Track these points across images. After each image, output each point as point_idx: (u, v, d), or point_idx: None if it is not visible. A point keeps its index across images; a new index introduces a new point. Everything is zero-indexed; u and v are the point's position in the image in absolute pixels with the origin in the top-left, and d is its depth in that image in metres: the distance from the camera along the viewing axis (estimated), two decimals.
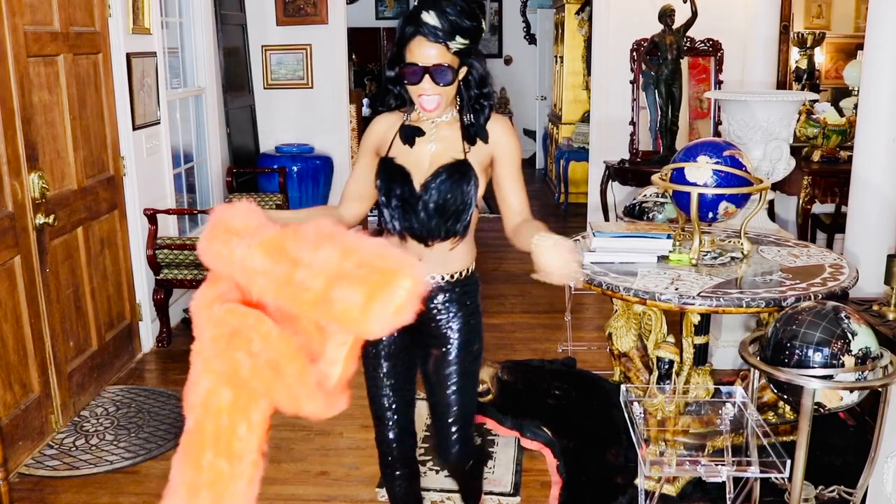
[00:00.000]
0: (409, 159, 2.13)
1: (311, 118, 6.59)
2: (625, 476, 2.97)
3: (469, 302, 2.23)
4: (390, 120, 2.19)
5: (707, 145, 3.02)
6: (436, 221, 2.10)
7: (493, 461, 3.37)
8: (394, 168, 2.12)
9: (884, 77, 3.54)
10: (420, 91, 2.04)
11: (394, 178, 2.12)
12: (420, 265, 1.63)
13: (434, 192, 2.08)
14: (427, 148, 2.12)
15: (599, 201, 6.31)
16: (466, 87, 2.12)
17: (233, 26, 6.17)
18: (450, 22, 1.98)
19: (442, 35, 1.98)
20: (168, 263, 4.52)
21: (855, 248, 3.68)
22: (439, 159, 2.11)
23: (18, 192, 3.34)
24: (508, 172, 2.15)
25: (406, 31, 2.02)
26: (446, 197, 2.08)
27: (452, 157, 2.10)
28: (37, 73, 3.51)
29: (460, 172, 2.09)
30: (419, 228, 2.12)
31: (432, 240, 2.13)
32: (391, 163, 2.13)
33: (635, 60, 6.15)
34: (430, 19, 1.97)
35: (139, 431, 3.63)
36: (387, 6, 12.01)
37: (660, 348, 2.94)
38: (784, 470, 2.16)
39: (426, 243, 2.13)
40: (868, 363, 2.21)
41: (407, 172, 2.12)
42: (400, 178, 2.11)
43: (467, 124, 2.12)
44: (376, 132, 2.20)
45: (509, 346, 4.57)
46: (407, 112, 2.17)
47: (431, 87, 2.02)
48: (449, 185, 2.08)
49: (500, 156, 2.14)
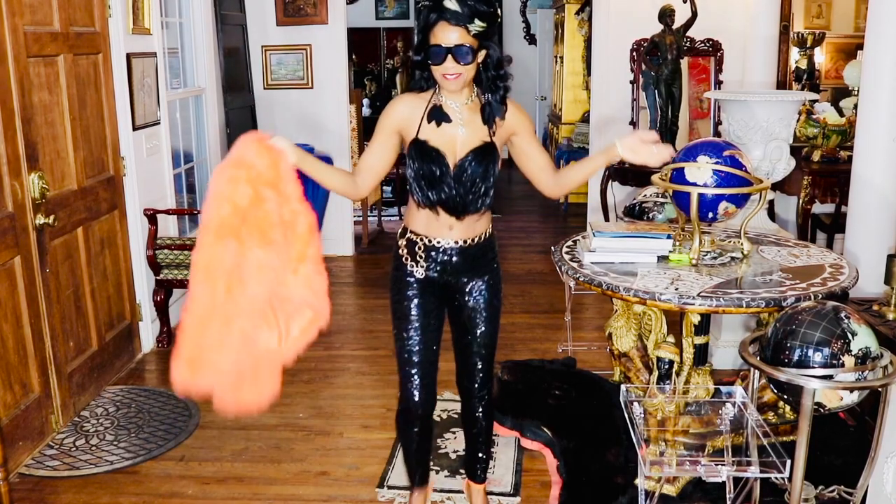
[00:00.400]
0: (440, 141, 2.38)
1: (311, 118, 6.59)
2: (625, 476, 2.97)
3: (491, 255, 2.58)
4: (413, 103, 2.41)
5: (707, 145, 3.02)
6: (469, 197, 2.40)
7: (493, 461, 3.37)
8: (428, 149, 2.37)
9: (884, 77, 3.54)
10: (443, 70, 2.28)
11: (429, 159, 2.36)
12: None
13: (467, 171, 2.37)
14: (457, 131, 2.38)
15: (599, 201, 6.31)
16: (485, 69, 2.37)
17: (233, 26, 6.17)
18: (469, 7, 2.23)
19: (462, 18, 2.23)
20: (168, 264, 4.52)
21: (855, 248, 3.68)
22: (470, 142, 2.38)
23: (18, 193, 3.34)
24: (530, 142, 2.49)
25: (430, 17, 2.27)
26: (476, 176, 2.37)
27: (481, 140, 2.39)
28: (37, 74, 3.51)
29: (488, 154, 2.38)
30: (452, 204, 2.40)
31: (465, 213, 2.43)
32: (425, 145, 2.37)
33: (635, 60, 6.15)
34: (452, 5, 2.23)
35: (139, 431, 3.63)
36: (387, 6, 12.00)
37: (660, 348, 2.94)
38: (784, 470, 2.16)
39: (458, 217, 2.43)
40: (868, 363, 2.21)
41: (442, 154, 2.37)
42: (435, 159, 2.36)
43: (485, 103, 2.38)
44: (400, 113, 2.42)
45: (509, 346, 4.57)
46: (434, 93, 2.40)
47: (454, 67, 2.27)
48: (479, 166, 2.37)
49: (520, 131, 2.46)
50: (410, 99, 2.43)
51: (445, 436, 3.59)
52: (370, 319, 5.03)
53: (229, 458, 3.42)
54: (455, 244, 2.48)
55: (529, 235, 7.47)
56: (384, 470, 3.30)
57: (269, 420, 3.72)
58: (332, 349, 4.52)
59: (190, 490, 3.19)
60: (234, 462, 3.39)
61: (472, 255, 2.51)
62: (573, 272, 2.93)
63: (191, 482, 3.24)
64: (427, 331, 2.55)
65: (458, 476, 3.25)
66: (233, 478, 3.27)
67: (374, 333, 3.69)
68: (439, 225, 2.46)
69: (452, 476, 3.25)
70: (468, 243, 2.49)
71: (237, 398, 2.19)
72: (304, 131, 6.46)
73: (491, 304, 2.58)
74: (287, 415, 3.80)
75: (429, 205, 2.41)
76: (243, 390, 2.19)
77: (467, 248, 2.49)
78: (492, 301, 2.58)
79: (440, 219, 2.44)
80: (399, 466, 3.33)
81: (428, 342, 2.55)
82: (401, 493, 3.14)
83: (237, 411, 2.20)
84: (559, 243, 3.27)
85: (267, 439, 3.57)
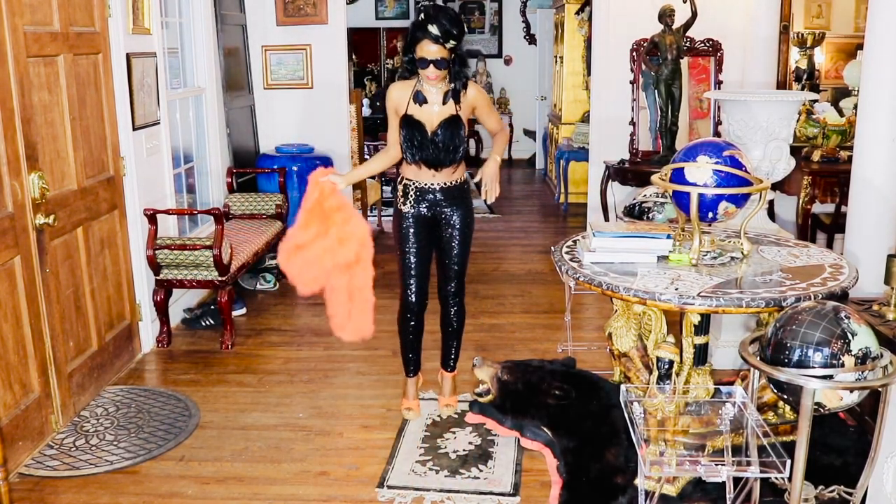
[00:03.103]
0: (422, 115, 3.39)
1: (311, 118, 6.59)
2: (625, 476, 2.96)
3: (466, 193, 3.58)
4: (402, 88, 3.42)
5: (707, 145, 3.01)
6: (443, 154, 3.39)
7: (492, 461, 3.38)
8: (413, 122, 3.38)
9: (884, 77, 3.54)
10: (427, 74, 3.32)
11: (414, 128, 3.37)
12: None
13: (441, 135, 3.37)
14: (433, 108, 3.39)
15: (599, 201, 6.31)
16: (453, 65, 3.34)
17: (233, 26, 6.17)
18: (445, 31, 3.21)
19: (441, 39, 3.22)
20: (168, 264, 4.52)
21: (855, 248, 3.68)
22: (442, 115, 3.39)
23: (18, 193, 3.34)
24: (486, 112, 3.55)
25: (417, 35, 3.26)
26: (447, 139, 3.37)
27: (451, 113, 3.39)
28: (37, 74, 3.51)
29: (455, 123, 3.39)
30: (432, 160, 3.41)
31: (441, 166, 3.43)
32: (411, 118, 3.39)
33: (635, 60, 6.15)
34: (434, 30, 3.20)
35: (139, 431, 3.63)
36: (387, 6, 12.01)
37: (660, 348, 2.93)
38: (784, 470, 2.15)
39: (436, 169, 3.44)
40: (868, 363, 2.21)
41: (422, 124, 3.38)
42: (417, 128, 3.37)
43: (452, 89, 3.37)
44: (394, 97, 3.44)
45: (509, 346, 4.57)
46: (417, 81, 3.39)
47: (434, 72, 3.30)
48: (449, 131, 3.37)
49: (478, 105, 3.49)
50: (400, 85, 3.44)
51: (445, 436, 3.59)
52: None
53: (229, 458, 3.42)
54: (437, 186, 3.47)
55: (529, 235, 7.47)
56: (384, 470, 3.30)
57: (269, 420, 3.72)
58: (332, 349, 4.52)
59: (190, 490, 3.19)
60: (234, 462, 3.39)
61: (451, 193, 3.50)
62: (573, 272, 2.93)
63: (191, 482, 3.24)
64: (421, 250, 3.56)
65: (458, 475, 3.26)
66: (233, 478, 3.27)
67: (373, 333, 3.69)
68: (425, 174, 3.45)
69: (453, 476, 3.26)
70: (447, 185, 3.49)
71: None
72: (304, 131, 6.46)
73: (464, 231, 3.56)
74: (287, 415, 3.80)
75: (415, 161, 3.42)
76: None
77: (447, 189, 3.49)
78: (464, 229, 3.56)
79: (423, 170, 3.44)
80: (399, 466, 3.33)
81: (422, 259, 3.57)
82: (401, 492, 3.14)
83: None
84: (559, 243, 3.27)
85: (267, 439, 3.57)
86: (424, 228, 3.53)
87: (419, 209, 3.50)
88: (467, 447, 3.49)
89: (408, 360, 3.78)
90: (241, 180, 6.08)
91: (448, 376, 3.87)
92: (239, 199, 5.71)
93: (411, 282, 3.57)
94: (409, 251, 3.54)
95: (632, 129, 6.21)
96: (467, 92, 3.40)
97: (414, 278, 3.57)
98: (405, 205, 3.51)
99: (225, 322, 4.63)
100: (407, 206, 3.50)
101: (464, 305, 3.74)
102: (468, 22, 11.94)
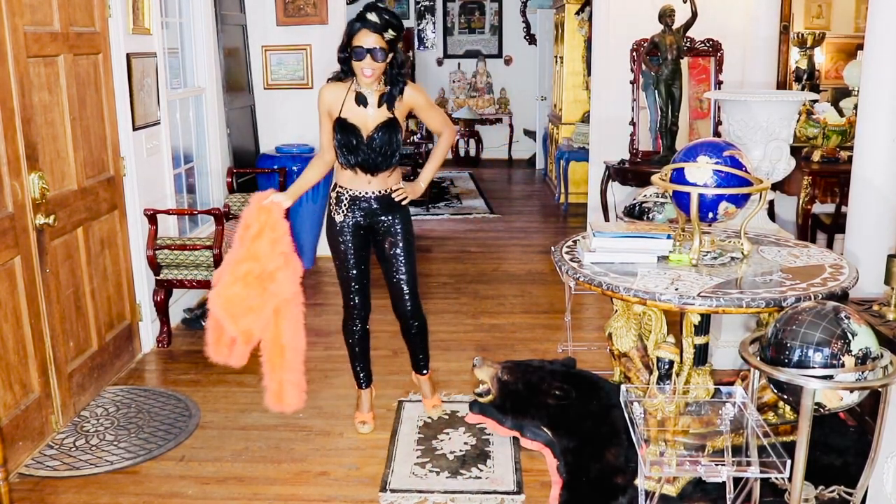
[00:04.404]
0: (356, 118, 3.25)
1: (311, 118, 6.55)
2: (625, 476, 2.96)
3: (402, 206, 3.43)
4: (335, 89, 3.29)
5: (707, 145, 3.01)
6: (379, 159, 3.26)
7: (491, 460, 3.38)
8: (347, 125, 3.25)
9: (884, 77, 3.54)
10: (363, 66, 3.15)
11: (349, 132, 3.25)
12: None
13: (377, 140, 3.24)
14: (368, 111, 3.26)
15: (599, 201, 6.31)
16: (391, 67, 3.23)
17: (233, 26, 6.17)
18: (384, 20, 3.12)
19: (379, 28, 3.11)
20: (168, 264, 4.52)
21: (855, 248, 3.68)
22: (378, 118, 3.26)
23: (18, 193, 3.34)
24: (426, 111, 3.40)
25: (355, 25, 3.14)
26: (383, 143, 3.24)
27: (387, 116, 3.27)
28: (37, 74, 3.51)
29: (392, 126, 3.26)
30: (368, 164, 3.27)
31: (377, 171, 3.30)
32: (345, 122, 3.25)
33: (635, 61, 6.15)
34: (372, 18, 3.11)
35: (139, 431, 3.63)
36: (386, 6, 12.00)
37: (660, 348, 2.93)
38: (784, 470, 2.15)
39: (372, 174, 3.31)
40: (868, 363, 2.21)
41: (357, 128, 3.25)
42: (353, 132, 3.24)
43: (388, 91, 3.26)
44: (326, 99, 3.30)
45: (509, 346, 4.57)
46: (352, 82, 3.26)
47: (370, 63, 3.15)
48: (386, 135, 3.25)
49: (417, 105, 3.35)
50: (333, 87, 3.31)
51: (440, 437, 3.59)
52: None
53: (229, 458, 3.42)
54: (372, 194, 3.35)
55: (529, 235, 7.47)
56: (384, 473, 3.30)
57: (269, 420, 3.72)
58: (331, 349, 4.52)
59: (190, 490, 3.19)
60: (234, 462, 3.39)
61: (386, 201, 3.37)
62: (573, 272, 2.93)
63: (191, 482, 3.24)
64: (359, 260, 3.44)
65: (459, 476, 3.26)
66: (233, 478, 3.27)
67: (373, 333, 3.69)
68: (360, 180, 3.32)
69: (454, 477, 3.26)
70: (382, 193, 3.36)
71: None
72: (304, 131, 6.46)
73: (406, 238, 3.43)
74: (287, 415, 3.79)
75: (350, 166, 3.29)
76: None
77: (381, 197, 3.36)
78: (406, 235, 3.43)
79: (359, 176, 3.31)
80: (398, 469, 3.33)
81: (361, 269, 3.46)
82: (404, 496, 3.14)
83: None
84: (559, 243, 3.27)
85: (267, 439, 3.57)
86: (361, 237, 3.43)
87: (354, 217, 3.38)
88: (463, 447, 3.49)
89: (357, 371, 3.67)
90: (241, 180, 6.08)
91: (424, 379, 3.80)
92: (239, 200, 5.70)
93: (352, 294, 3.48)
94: (348, 261, 3.43)
95: (632, 129, 6.21)
96: (403, 93, 3.28)
97: (354, 288, 3.47)
98: (339, 214, 3.39)
99: None
100: (340, 216, 3.39)
101: (424, 317, 3.62)
102: (468, 22, 11.96)
